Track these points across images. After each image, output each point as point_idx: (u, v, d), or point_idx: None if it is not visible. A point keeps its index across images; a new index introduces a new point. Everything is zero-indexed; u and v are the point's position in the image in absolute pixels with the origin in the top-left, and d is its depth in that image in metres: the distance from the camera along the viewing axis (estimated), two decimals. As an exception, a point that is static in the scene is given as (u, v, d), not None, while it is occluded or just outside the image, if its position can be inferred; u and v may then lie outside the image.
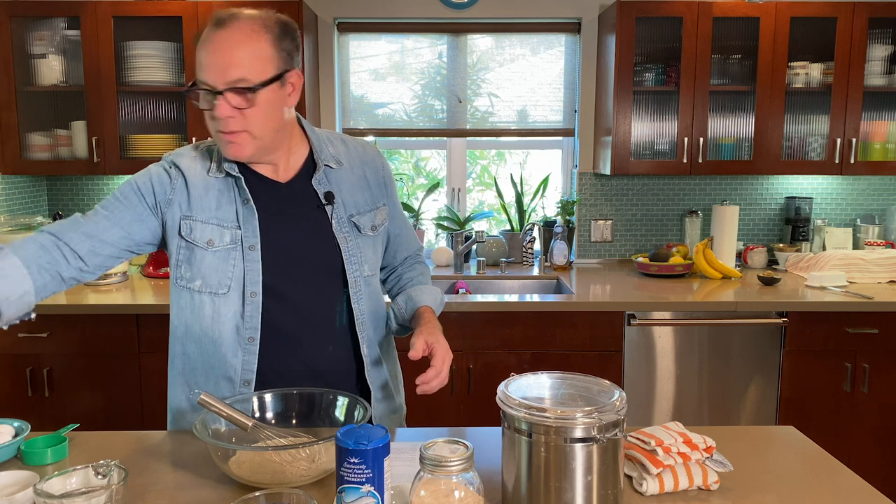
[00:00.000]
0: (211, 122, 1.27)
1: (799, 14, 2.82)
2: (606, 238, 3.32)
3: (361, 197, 1.41)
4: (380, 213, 1.44)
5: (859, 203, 3.30)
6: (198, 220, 1.31)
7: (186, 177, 1.33)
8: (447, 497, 0.93)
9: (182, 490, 1.12)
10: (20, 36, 2.87)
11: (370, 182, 1.44)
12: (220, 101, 1.22)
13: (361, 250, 1.39)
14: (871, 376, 2.57)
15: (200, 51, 1.23)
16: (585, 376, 1.07)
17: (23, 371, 2.50)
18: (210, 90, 1.22)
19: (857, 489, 1.13)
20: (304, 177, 1.37)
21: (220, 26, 1.21)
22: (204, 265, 1.31)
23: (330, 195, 1.36)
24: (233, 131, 1.25)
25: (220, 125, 1.25)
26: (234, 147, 1.27)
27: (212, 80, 1.22)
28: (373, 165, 1.45)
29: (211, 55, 1.21)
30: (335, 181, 1.38)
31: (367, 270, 1.41)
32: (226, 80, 1.21)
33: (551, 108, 3.30)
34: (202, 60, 1.23)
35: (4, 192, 2.93)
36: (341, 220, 1.37)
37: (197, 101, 1.26)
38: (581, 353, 2.55)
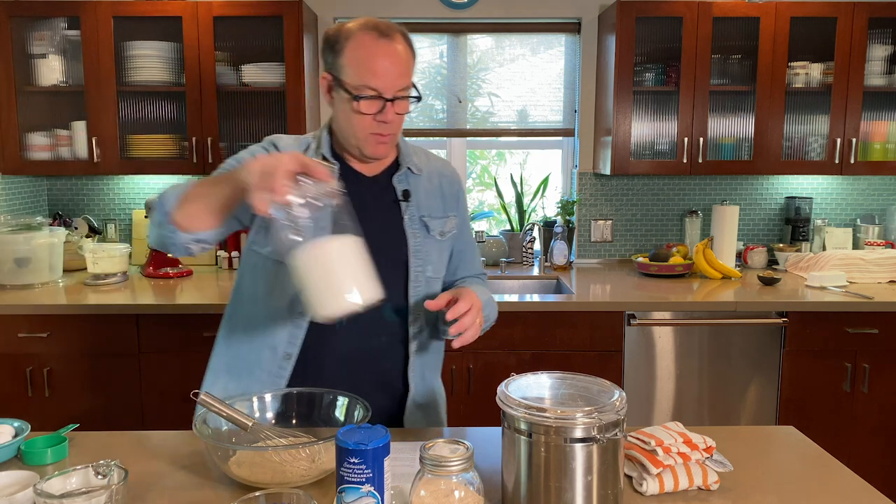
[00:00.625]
0: (364, 123, 1.34)
1: (799, 14, 2.82)
2: (606, 238, 3.32)
3: (434, 203, 1.50)
4: (449, 221, 1.52)
5: (859, 203, 3.30)
6: None
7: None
8: (447, 497, 0.93)
9: (182, 490, 1.12)
10: (20, 36, 2.87)
11: (445, 193, 1.53)
12: (388, 107, 1.32)
13: (427, 250, 1.47)
14: (871, 376, 2.57)
15: (366, 57, 1.30)
16: (585, 376, 1.07)
17: (23, 371, 2.50)
18: (379, 96, 1.31)
19: (857, 489, 1.13)
20: (387, 175, 1.46)
21: (386, 37, 1.31)
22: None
23: (407, 193, 1.46)
24: (389, 133, 1.36)
25: (381, 128, 1.34)
26: (383, 147, 1.38)
27: (382, 86, 1.30)
28: (449, 179, 1.56)
29: (383, 64, 1.30)
30: (413, 184, 1.48)
31: (430, 272, 1.48)
32: (396, 88, 1.32)
33: (551, 108, 3.30)
34: (375, 70, 1.30)
35: (4, 192, 2.93)
36: (413, 218, 1.46)
37: (359, 107, 1.32)
38: (581, 353, 2.55)
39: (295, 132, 2.85)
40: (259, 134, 3.04)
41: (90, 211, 3.24)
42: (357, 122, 1.34)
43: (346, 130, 1.38)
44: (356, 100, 1.31)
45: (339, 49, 1.33)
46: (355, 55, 1.31)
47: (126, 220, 3.25)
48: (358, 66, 1.30)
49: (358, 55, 1.30)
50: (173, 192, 1.28)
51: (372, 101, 1.31)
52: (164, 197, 1.29)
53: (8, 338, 2.48)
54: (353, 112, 1.33)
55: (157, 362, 2.52)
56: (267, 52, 2.93)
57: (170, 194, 1.28)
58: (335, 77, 1.35)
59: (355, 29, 1.32)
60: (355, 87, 1.31)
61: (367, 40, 1.30)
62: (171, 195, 1.27)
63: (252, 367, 1.42)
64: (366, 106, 1.32)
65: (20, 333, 2.48)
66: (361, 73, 1.30)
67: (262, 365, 1.40)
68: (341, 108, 1.36)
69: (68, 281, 2.84)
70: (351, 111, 1.33)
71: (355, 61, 1.31)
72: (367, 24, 1.32)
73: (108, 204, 3.25)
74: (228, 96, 2.95)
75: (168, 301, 2.52)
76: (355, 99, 1.31)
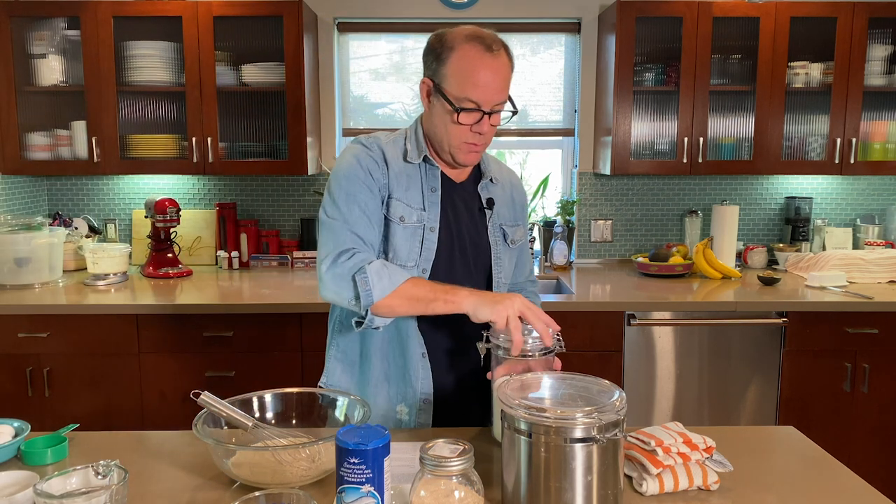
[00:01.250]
0: (460, 132, 1.38)
1: (799, 14, 2.82)
2: (606, 238, 3.32)
3: (508, 213, 1.57)
4: (519, 230, 1.59)
5: (859, 203, 3.30)
6: (394, 199, 1.42)
7: (387, 160, 1.45)
8: (447, 497, 0.93)
9: (182, 490, 1.12)
10: (20, 36, 2.87)
11: (515, 203, 1.60)
12: (484, 119, 1.37)
13: (503, 258, 1.54)
14: (871, 376, 2.57)
15: (470, 69, 1.33)
16: (585, 376, 1.07)
17: (23, 371, 2.50)
18: (478, 109, 1.35)
19: (857, 489, 1.13)
20: (472, 183, 1.53)
21: (491, 52, 1.35)
22: (396, 239, 1.42)
23: (491, 201, 1.52)
24: (483, 144, 1.41)
25: (476, 139, 1.39)
26: (474, 156, 1.44)
27: (483, 100, 1.35)
28: (518, 190, 1.63)
29: (486, 77, 1.34)
30: (493, 193, 1.54)
31: (504, 278, 1.54)
32: (495, 102, 1.36)
33: (551, 108, 3.30)
34: (476, 80, 1.33)
35: (4, 192, 2.93)
36: (495, 226, 1.53)
37: (458, 118, 1.36)
38: (581, 353, 2.55)
39: (295, 132, 2.86)
40: (259, 134, 3.04)
41: (90, 211, 3.24)
42: (453, 131, 1.39)
43: (441, 136, 1.42)
44: (457, 111, 1.36)
45: (443, 58, 1.36)
46: (459, 66, 1.34)
47: (126, 220, 3.25)
48: (462, 78, 1.34)
49: (462, 66, 1.34)
50: (382, 282, 1.29)
51: (471, 114, 1.36)
52: (372, 281, 1.29)
53: (8, 338, 2.48)
54: (452, 122, 1.37)
55: (157, 362, 2.52)
56: (267, 52, 2.93)
57: (378, 284, 1.29)
58: (436, 84, 1.38)
59: (461, 39, 1.35)
60: (457, 99, 1.35)
61: (473, 53, 1.34)
62: (379, 286, 1.29)
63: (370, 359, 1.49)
64: (465, 118, 1.36)
65: (20, 333, 2.48)
66: (465, 85, 1.34)
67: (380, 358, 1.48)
68: (439, 114, 1.40)
69: (68, 281, 2.84)
70: (449, 120, 1.38)
71: (459, 72, 1.34)
72: (474, 36, 1.35)
73: (108, 204, 3.25)
74: (228, 96, 2.94)
75: (168, 301, 2.52)
76: (456, 111, 1.36)
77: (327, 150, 3.23)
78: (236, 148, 2.98)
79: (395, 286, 1.29)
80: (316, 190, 3.22)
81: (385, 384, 1.48)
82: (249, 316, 2.50)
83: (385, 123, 3.29)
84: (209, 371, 2.52)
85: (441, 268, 1.45)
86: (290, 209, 3.27)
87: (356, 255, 1.33)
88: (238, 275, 3.01)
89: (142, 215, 3.11)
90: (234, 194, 3.25)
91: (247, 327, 2.51)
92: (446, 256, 1.46)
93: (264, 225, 3.27)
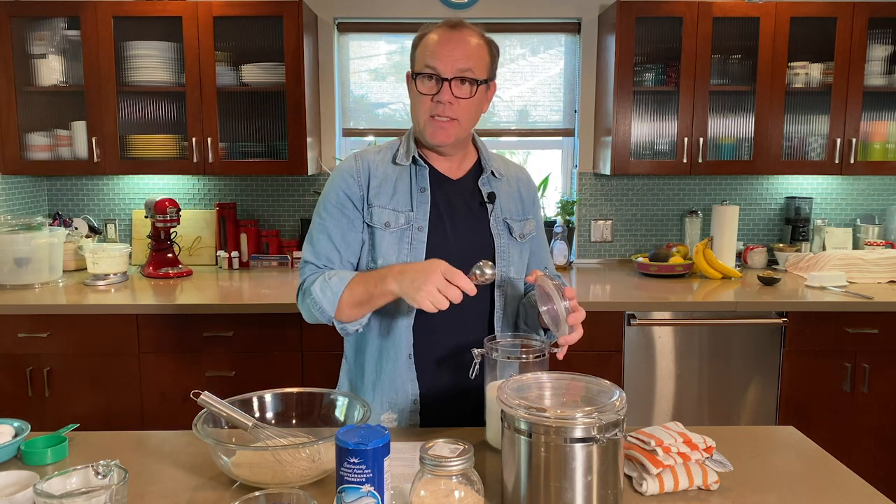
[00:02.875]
0: (424, 106, 1.40)
1: (799, 14, 2.82)
2: (606, 238, 3.32)
3: (514, 207, 1.56)
4: (528, 223, 1.57)
5: (859, 203, 3.30)
6: (377, 207, 1.45)
7: (371, 169, 1.48)
8: (447, 497, 0.93)
9: (182, 490, 1.12)
10: (20, 36, 2.87)
11: (523, 197, 1.59)
12: (444, 87, 1.36)
13: (510, 251, 1.52)
14: (871, 376, 2.57)
15: (431, 44, 1.38)
16: (585, 376, 1.07)
17: (23, 371, 2.50)
18: (437, 76, 1.36)
19: (857, 489, 1.13)
20: (472, 178, 1.52)
21: (454, 28, 1.39)
22: (383, 245, 1.44)
23: (492, 195, 1.51)
24: (448, 117, 1.39)
25: (438, 109, 1.39)
26: (442, 132, 1.41)
27: (442, 67, 1.36)
28: (526, 184, 1.62)
29: (445, 47, 1.37)
30: (496, 187, 1.53)
31: (513, 272, 1.52)
32: (456, 69, 1.36)
33: (551, 108, 3.30)
34: (436, 51, 1.37)
35: (4, 192, 2.93)
36: (498, 220, 1.51)
37: (417, 87, 1.39)
38: (581, 353, 2.55)
39: (295, 132, 2.86)
40: (259, 134, 3.04)
41: (90, 211, 3.24)
42: (418, 106, 1.41)
43: (413, 118, 1.46)
44: (414, 78, 1.39)
45: (415, 46, 1.43)
46: (424, 45, 1.40)
47: (126, 220, 3.25)
48: (423, 52, 1.40)
49: (425, 44, 1.40)
50: (326, 297, 1.35)
51: (429, 81, 1.37)
52: (319, 300, 1.36)
53: (8, 338, 2.48)
54: (415, 94, 1.40)
55: (157, 362, 2.52)
56: (267, 52, 2.93)
57: (324, 300, 1.36)
58: (411, 71, 1.43)
59: (430, 27, 1.42)
60: (417, 70, 1.40)
61: (437, 31, 1.40)
62: (326, 301, 1.36)
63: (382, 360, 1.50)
64: (423, 84, 1.38)
65: (20, 333, 2.48)
66: (424, 56, 1.39)
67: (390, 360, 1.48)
68: (410, 97, 1.44)
69: (68, 281, 2.84)
70: (414, 94, 1.41)
71: (422, 49, 1.40)
72: (443, 22, 1.42)
73: (108, 204, 3.25)
74: (228, 96, 2.94)
75: (168, 301, 2.52)
76: (413, 78, 1.39)
77: (327, 150, 3.23)
78: (236, 148, 2.98)
79: (337, 296, 1.35)
80: (316, 190, 3.22)
81: (374, 392, 1.48)
82: (249, 316, 2.50)
83: (385, 123, 3.29)
84: (209, 371, 2.52)
85: None
86: (290, 209, 3.27)
87: (308, 279, 1.42)
88: (238, 275, 3.01)
89: (142, 215, 3.11)
90: (234, 194, 3.25)
91: (247, 327, 2.51)
92: (440, 254, 1.44)
93: (264, 225, 3.27)
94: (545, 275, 1.31)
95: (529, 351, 1.24)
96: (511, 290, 1.52)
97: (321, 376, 2.52)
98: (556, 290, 1.26)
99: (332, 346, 2.49)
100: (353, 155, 1.50)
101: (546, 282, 1.28)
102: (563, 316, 1.25)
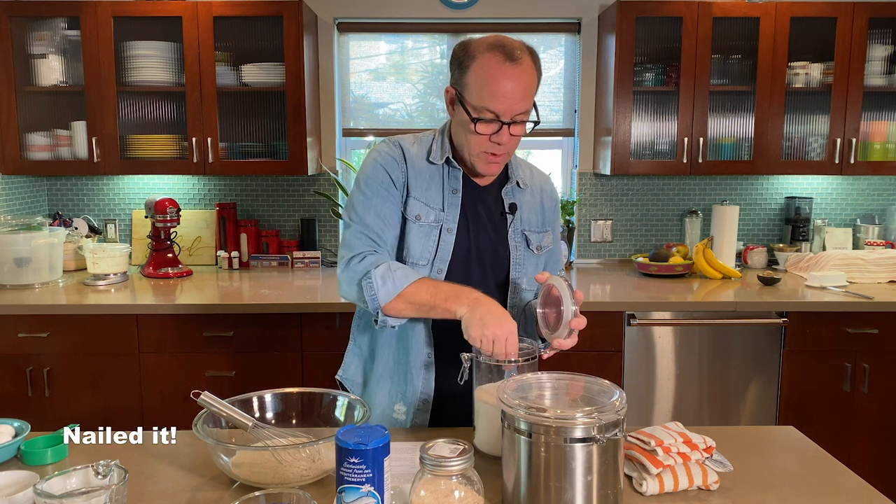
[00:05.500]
0: (479, 142, 1.38)
1: (799, 14, 2.82)
2: (606, 238, 3.32)
3: (535, 218, 1.55)
4: (547, 236, 1.57)
5: (859, 203, 3.29)
6: (412, 197, 1.44)
7: (407, 158, 1.47)
8: (447, 497, 0.93)
9: (182, 490, 1.12)
10: (20, 36, 2.87)
11: (545, 208, 1.58)
12: (504, 130, 1.35)
13: (526, 263, 1.52)
14: (871, 376, 2.57)
15: (489, 79, 1.32)
16: (585, 376, 1.07)
17: (23, 371, 2.50)
18: (497, 119, 1.34)
19: (857, 489, 1.13)
20: (497, 187, 1.52)
21: (511, 60, 1.32)
22: (410, 237, 1.44)
23: (514, 206, 1.51)
24: (502, 154, 1.40)
25: (495, 149, 1.38)
26: (494, 166, 1.43)
27: (502, 110, 1.33)
28: (549, 194, 1.61)
29: (507, 87, 1.32)
30: (519, 198, 1.53)
31: (525, 284, 1.53)
32: (515, 112, 1.34)
33: (551, 108, 3.30)
34: (497, 93, 1.32)
35: (4, 192, 2.93)
36: (516, 231, 1.51)
37: (476, 128, 1.36)
38: (581, 353, 2.55)
39: (295, 132, 2.86)
40: (259, 134, 3.04)
41: (90, 211, 3.24)
42: (472, 140, 1.39)
43: (462, 145, 1.43)
44: (474, 122, 1.35)
45: (465, 66, 1.35)
46: (479, 76, 1.33)
47: (126, 220, 3.25)
48: (481, 87, 1.33)
49: (482, 76, 1.33)
50: (386, 287, 1.32)
51: (489, 124, 1.35)
52: (377, 287, 1.33)
53: (8, 338, 2.48)
54: (470, 131, 1.37)
55: (157, 362, 2.52)
56: (267, 52, 2.93)
57: (383, 290, 1.33)
58: (458, 92, 1.38)
59: (483, 48, 1.34)
60: (475, 109, 1.35)
61: (493, 62, 1.32)
62: (384, 291, 1.33)
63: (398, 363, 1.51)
64: (483, 127, 1.35)
65: (20, 333, 2.48)
66: (483, 94, 1.33)
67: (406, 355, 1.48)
68: (460, 123, 1.40)
69: (68, 281, 2.84)
70: (468, 129, 1.37)
71: (479, 82, 1.33)
72: (496, 44, 1.33)
73: (108, 204, 3.25)
74: (228, 96, 2.94)
75: (168, 301, 2.52)
76: (473, 121, 1.35)
77: (327, 150, 3.23)
78: (236, 148, 2.98)
79: (398, 290, 1.32)
80: (316, 190, 3.22)
81: (387, 381, 1.49)
82: (249, 316, 2.50)
83: (385, 123, 3.29)
84: (209, 371, 2.52)
85: (457, 269, 1.45)
86: (290, 209, 3.27)
87: (366, 258, 1.37)
88: (238, 275, 3.01)
89: (142, 215, 3.11)
90: (234, 194, 3.25)
91: (247, 327, 2.51)
92: (463, 258, 1.46)
93: (264, 225, 3.27)
94: (559, 275, 1.31)
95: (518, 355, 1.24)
96: (519, 300, 1.52)
97: (321, 376, 2.52)
98: (568, 290, 1.25)
99: (333, 346, 2.49)
100: (391, 141, 1.49)
101: (560, 282, 1.28)
102: (568, 319, 1.25)
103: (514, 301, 1.51)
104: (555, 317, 1.29)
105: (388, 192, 1.43)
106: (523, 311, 1.55)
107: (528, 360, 1.23)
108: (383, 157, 1.44)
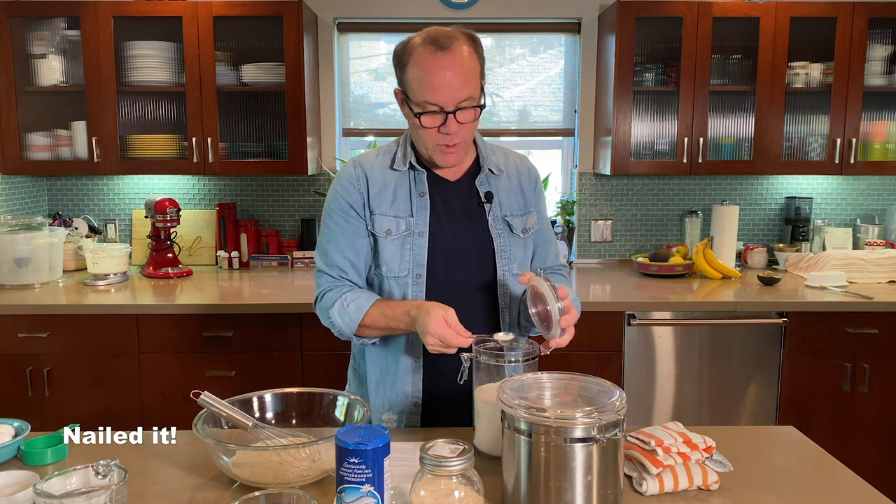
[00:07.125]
0: (430, 136, 1.38)
1: (799, 14, 2.82)
2: (606, 238, 3.32)
3: (515, 202, 1.54)
4: (530, 217, 1.55)
5: (859, 203, 3.29)
6: (376, 214, 1.46)
7: (368, 176, 1.47)
8: (447, 497, 0.93)
9: (182, 490, 1.12)
10: (20, 36, 2.87)
11: (524, 190, 1.56)
12: (450, 119, 1.34)
13: (512, 248, 1.51)
14: (871, 376, 2.57)
15: (424, 73, 1.32)
16: (585, 376, 1.07)
17: (23, 371, 2.50)
18: (441, 111, 1.34)
19: (857, 489, 1.13)
20: (469, 178, 1.51)
21: (444, 49, 1.31)
22: (385, 252, 1.45)
23: (489, 195, 1.50)
24: (456, 143, 1.39)
25: (446, 139, 1.37)
26: (452, 157, 1.42)
27: (443, 100, 1.33)
28: (528, 175, 1.59)
29: (442, 77, 1.31)
30: (494, 185, 1.52)
31: (516, 269, 1.51)
32: (458, 99, 1.33)
33: (551, 108, 3.30)
34: (433, 84, 1.32)
35: (4, 192, 2.93)
36: (496, 219, 1.50)
37: (421, 122, 1.36)
38: (581, 353, 2.55)
39: (295, 132, 2.85)
40: (259, 134, 3.04)
41: (90, 211, 3.24)
42: (423, 135, 1.39)
43: (417, 143, 1.44)
44: (417, 116, 1.36)
45: (403, 64, 1.36)
46: (416, 72, 1.34)
47: (126, 220, 3.25)
48: (419, 82, 1.33)
49: (418, 72, 1.33)
50: (345, 321, 1.40)
51: (434, 116, 1.35)
52: (338, 323, 1.41)
53: (8, 338, 2.48)
54: (419, 126, 1.37)
55: (157, 362, 2.52)
56: (267, 52, 2.93)
57: (343, 324, 1.41)
58: (403, 92, 1.39)
59: (416, 44, 1.34)
60: (417, 104, 1.35)
61: (426, 55, 1.32)
62: (344, 325, 1.41)
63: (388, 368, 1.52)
64: (427, 121, 1.36)
65: (20, 333, 2.48)
66: (423, 89, 1.33)
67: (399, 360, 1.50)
68: (410, 122, 1.41)
69: (68, 281, 2.84)
70: (417, 125, 1.38)
71: (416, 78, 1.34)
72: (427, 38, 1.33)
73: (108, 204, 3.25)
74: (228, 96, 2.94)
75: (168, 301, 2.52)
76: (416, 116, 1.36)
77: (327, 150, 3.23)
78: (236, 148, 2.98)
79: (356, 323, 1.40)
80: (316, 190, 3.22)
81: (376, 392, 1.49)
82: (249, 316, 2.50)
83: (385, 123, 3.29)
84: (209, 371, 2.52)
85: (438, 269, 1.45)
86: (290, 209, 3.27)
87: (325, 295, 1.45)
88: (238, 275, 3.01)
89: (142, 215, 3.11)
90: (234, 194, 3.25)
91: (247, 327, 2.51)
92: (441, 258, 1.46)
93: (264, 225, 3.27)
94: (540, 275, 1.30)
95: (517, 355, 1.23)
96: (514, 289, 1.51)
97: (321, 376, 2.52)
98: (550, 290, 1.25)
99: (332, 346, 2.49)
100: (352, 161, 1.50)
101: (540, 282, 1.28)
102: (556, 318, 1.25)
103: (507, 288, 1.50)
104: (547, 315, 1.29)
105: (347, 220, 1.46)
106: (521, 301, 1.53)
107: (528, 360, 1.23)
108: (342, 185, 1.47)
